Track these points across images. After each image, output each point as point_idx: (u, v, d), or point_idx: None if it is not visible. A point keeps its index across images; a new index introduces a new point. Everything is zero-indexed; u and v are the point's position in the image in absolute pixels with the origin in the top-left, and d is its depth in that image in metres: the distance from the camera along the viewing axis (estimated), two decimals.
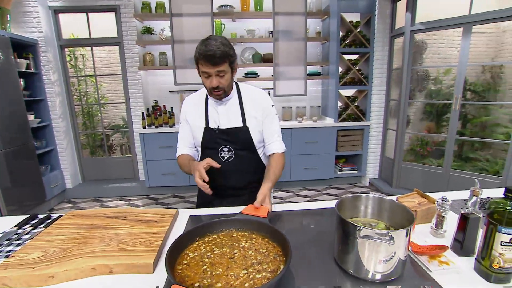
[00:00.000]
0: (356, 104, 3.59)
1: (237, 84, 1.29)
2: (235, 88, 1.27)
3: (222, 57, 1.07)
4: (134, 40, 3.34)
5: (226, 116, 1.24)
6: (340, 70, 3.54)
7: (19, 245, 0.92)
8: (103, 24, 3.50)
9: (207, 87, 1.16)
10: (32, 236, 0.97)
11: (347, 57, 3.51)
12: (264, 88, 3.44)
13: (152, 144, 3.31)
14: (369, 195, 0.88)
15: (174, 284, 0.57)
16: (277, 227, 0.84)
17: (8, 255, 0.86)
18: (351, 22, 3.35)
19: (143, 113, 3.38)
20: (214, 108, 1.25)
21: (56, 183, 3.35)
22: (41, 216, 1.14)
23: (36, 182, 3.01)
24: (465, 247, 0.81)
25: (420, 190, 1.12)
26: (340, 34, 3.38)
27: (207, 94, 1.25)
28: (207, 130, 1.24)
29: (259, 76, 3.61)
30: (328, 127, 3.50)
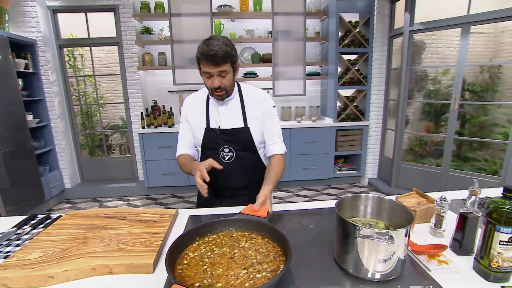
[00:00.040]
0: (355, 104, 3.60)
1: (238, 84, 1.28)
2: (236, 88, 1.26)
3: (224, 57, 1.06)
4: (133, 40, 3.34)
5: (227, 116, 1.23)
6: (339, 70, 3.54)
7: (18, 245, 0.92)
8: (102, 24, 3.49)
9: (209, 87, 1.15)
10: (31, 236, 0.97)
11: (346, 57, 3.51)
12: (263, 88, 3.43)
13: (151, 144, 3.30)
14: (368, 195, 0.88)
15: (174, 284, 0.57)
16: (276, 227, 0.84)
17: (8, 255, 0.85)
18: (350, 22, 3.36)
19: (142, 113, 3.38)
20: (215, 108, 1.24)
21: (55, 184, 3.34)
22: (40, 216, 1.13)
23: (34, 182, 3.00)
24: (464, 247, 0.82)
25: (419, 189, 1.12)
26: (339, 34, 3.39)
27: (208, 94, 1.24)
28: (208, 130, 1.23)
29: (258, 76, 3.61)
30: (327, 127, 3.50)
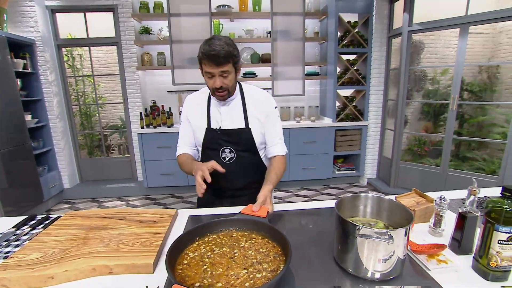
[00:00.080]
0: (354, 104, 3.60)
1: (240, 85, 1.27)
2: (238, 89, 1.25)
3: (226, 57, 1.05)
4: (132, 40, 3.33)
5: (229, 116, 1.22)
6: (338, 70, 3.54)
7: (17, 246, 0.91)
8: (101, 24, 3.49)
9: (210, 87, 1.14)
10: (30, 237, 0.97)
11: (345, 57, 3.52)
12: (262, 88, 3.44)
13: (151, 144, 3.30)
14: (368, 194, 0.89)
15: (175, 284, 0.57)
16: (276, 227, 0.84)
17: (7, 256, 0.85)
18: (349, 22, 3.36)
19: (141, 113, 3.37)
20: (217, 108, 1.23)
21: (53, 184, 3.33)
22: (39, 217, 1.13)
23: (33, 182, 3.00)
24: (463, 246, 0.82)
25: (418, 189, 1.13)
26: (338, 34, 3.39)
27: (209, 94, 1.24)
28: (209, 130, 1.23)
29: (257, 76, 3.62)
30: (326, 127, 3.51)
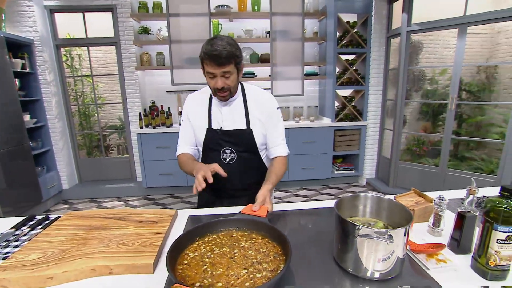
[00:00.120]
0: (353, 104, 3.61)
1: (242, 85, 1.26)
2: (240, 89, 1.24)
3: (228, 57, 1.04)
4: (131, 40, 3.33)
5: (230, 117, 1.21)
6: (337, 70, 3.55)
7: (17, 246, 0.91)
8: (100, 24, 3.48)
9: (212, 87, 1.13)
10: (30, 237, 0.97)
11: (344, 57, 3.52)
12: (263, 89, 3.45)
13: (150, 144, 3.29)
14: (367, 194, 0.89)
15: (176, 283, 0.57)
16: (276, 227, 0.84)
17: (6, 256, 0.85)
18: (348, 22, 3.37)
19: (140, 113, 3.37)
20: (218, 108, 1.22)
21: (52, 184, 3.33)
22: (38, 217, 1.13)
23: (32, 183, 2.99)
24: (462, 245, 0.82)
25: (417, 189, 1.13)
26: (337, 34, 3.40)
27: (211, 94, 1.23)
28: (210, 130, 1.22)
29: (256, 76, 3.62)
30: (325, 127, 3.51)
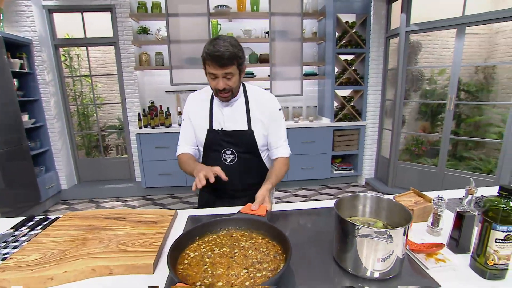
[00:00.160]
0: (352, 104, 3.62)
1: (244, 85, 1.25)
2: (242, 89, 1.23)
3: (230, 58, 1.03)
4: (130, 40, 3.32)
5: (232, 118, 1.20)
6: (336, 70, 3.56)
7: (16, 247, 0.91)
8: (99, 24, 3.47)
9: (213, 88, 1.12)
10: (29, 238, 0.96)
11: (343, 57, 3.53)
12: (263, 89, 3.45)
13: (149, 144, 3.29)
14: (367, 194, 0.89)
15: (178, 282, 0.57)
16: (275, 226, 0.84)
17: (6, 257, 0.85)
18: (347, 22, 3.38)
19: (139, 113, 3.36)
20: (219, 109, 1.21)
21: (51, 184, 3.32)
22: (38, 217, 1.12)
23: (30, 183, 2.98)
24: (461, 245, 0.83)
25: (416, 189, 1.13)
26: (336, 34, 3.41)
27: (212, 94, 1.22)
28: (211, 131, 1.21)
29: (255, 76, 3.62)
30: (324, 127, 3.52)
